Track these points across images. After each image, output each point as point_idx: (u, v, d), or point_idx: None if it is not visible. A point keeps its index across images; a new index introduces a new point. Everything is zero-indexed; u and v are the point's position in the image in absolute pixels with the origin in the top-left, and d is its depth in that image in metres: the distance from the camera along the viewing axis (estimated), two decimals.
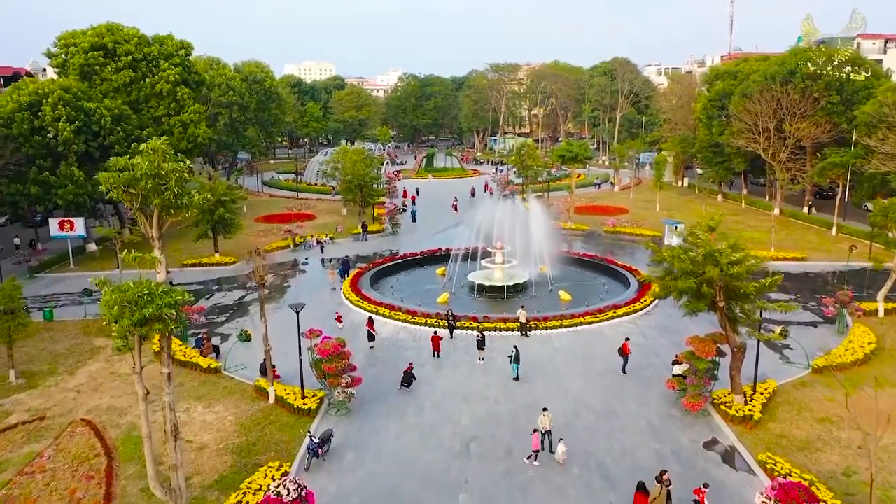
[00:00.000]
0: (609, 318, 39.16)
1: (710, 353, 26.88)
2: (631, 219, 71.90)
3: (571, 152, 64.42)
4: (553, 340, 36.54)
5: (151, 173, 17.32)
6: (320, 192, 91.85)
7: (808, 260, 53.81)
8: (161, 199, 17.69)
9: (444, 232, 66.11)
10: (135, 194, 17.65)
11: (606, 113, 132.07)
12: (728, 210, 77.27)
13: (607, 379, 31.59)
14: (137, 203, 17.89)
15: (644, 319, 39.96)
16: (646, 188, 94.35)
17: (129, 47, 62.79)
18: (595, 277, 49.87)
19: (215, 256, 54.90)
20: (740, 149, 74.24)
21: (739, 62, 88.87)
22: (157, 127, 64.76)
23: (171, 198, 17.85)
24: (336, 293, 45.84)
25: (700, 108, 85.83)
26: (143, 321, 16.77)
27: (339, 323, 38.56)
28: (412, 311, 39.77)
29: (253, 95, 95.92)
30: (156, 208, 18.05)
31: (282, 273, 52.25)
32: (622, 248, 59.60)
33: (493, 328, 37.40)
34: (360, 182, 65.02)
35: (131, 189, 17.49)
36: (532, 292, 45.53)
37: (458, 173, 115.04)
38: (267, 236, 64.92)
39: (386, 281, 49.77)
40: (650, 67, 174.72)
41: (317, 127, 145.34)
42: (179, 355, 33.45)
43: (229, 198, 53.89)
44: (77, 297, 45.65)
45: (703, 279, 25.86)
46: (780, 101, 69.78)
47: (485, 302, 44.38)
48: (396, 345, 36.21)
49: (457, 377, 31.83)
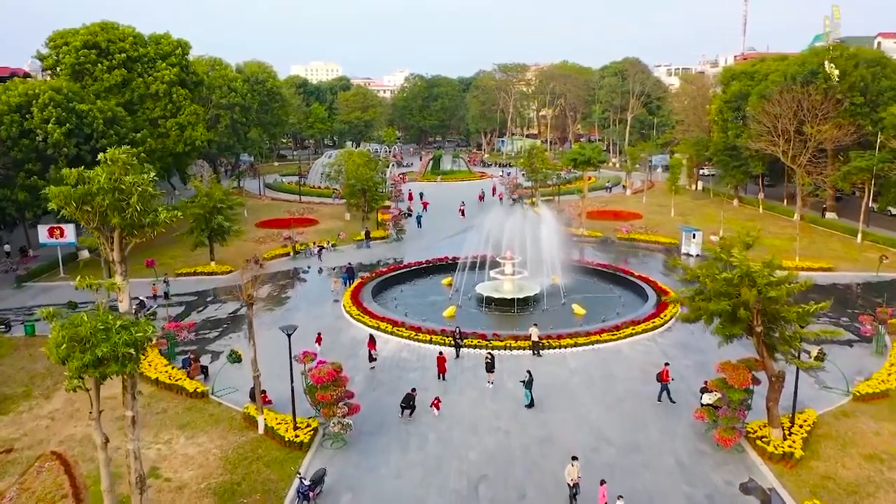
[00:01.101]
0: (627, 336, 36.48)
1: (745, 383, 24.19)
2: (645, 224, 69.19)
3: (584, 156, 61.67)
4: (568, 360, 33.90)
5: (110, 188, 14.84)
6: (323, 196, 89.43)
7: (835, 270, 50.97)
8: (122, 218, 15.18)
9: (451, 238, 63.56)
10: (91, 212, 15.17)
11: (617, 114, 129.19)
12: (745, 215, 74.52)
13: (628, 405, 28.94)
14: (94, 222, 15.39)
15: (664, 337, 37.26)
16: (658, 192, 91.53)
17: (122, 46, 60.59)
18: (610, 289, 47.17)
19: (211, 265, 52.47)
20: (759, 152, 71.41)
21: (756, 62, 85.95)
22: (154, 129, 62.47)
23: (134, 216, 15.33)
24: (337, 305, 43.32)
25: (715, 109, 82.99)
26: (97, 362, 14.23)
27: (318, 345, 35.33)
28: (416, 327, 37.20)
29: (255, 96, 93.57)
30: (116, 228, 15.57)
31: (280, 283, 49.78)
32: (637, 257, 56.92)
33: (502, 347, 34.80)
34: (363, 186, 62.46)
35: (86, 206, 15.01)
36: (544, 305, 42.88)
37: (465, 176, 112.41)
38: (266, 243, 62.43)
39: (389, 292, 47.22)
40: (660, 68, 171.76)
41: (322, 128, 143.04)
42: (164, 377, 31.00)
43: (226, 204, 51.42)
44: (65, 310, 43.30)
45: (738, 302, 23.16)
46: (800, 102, 67.00)
47: (493, 316, 41.77)
48: (399, 365, 33.63)
49: (464, 403, 29.23)
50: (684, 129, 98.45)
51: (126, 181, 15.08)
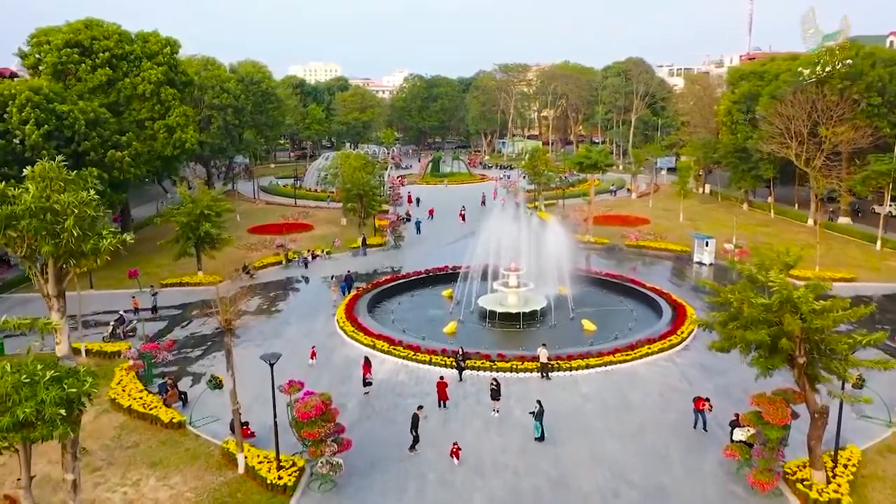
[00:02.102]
0: (643, 356, 33.76)
1: (783, 420, 21.48)
2: (653, 230, 66.49)
3: (591, 159, 58.83)
4: (579, 384, 31.16)
5: (39, 208, 12.12)
6: (319, 200, 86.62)
7: (857, 280, 48.26)
8: (55, 245, 12.45)
9: (452, 245, 60.82)
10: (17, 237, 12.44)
11: (620, 115, 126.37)
12: (756, 220, 71.79)
13: (649, 438, 26.18)
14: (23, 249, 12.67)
15: (683, 356, 34.53)
16: (665, 195, 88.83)
17: (107, 44, 57.76)
18: (620, 301, 44.42)
19: (198, 275, 49.70)
20: (771, 154, 68.78)
21: (766, 62, 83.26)
22: (140, 131, 59.65)
23: (71, 242, 12.59)
24: (331, 321, 40.58)
25: (724, 110, 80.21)
26: (18, 425, 11.50)
27: (312, 360, 33.22)
28: (415, 347, 34.45)
29: (249, 97, 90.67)
30: (48, 257, 12.86)
31: (270, 295, 47.01)
32: (647, 265, 54.16)
33: (508, 369, 32.09)
34: (360, 191, 59.64)
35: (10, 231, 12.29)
36: (551, 320, 40.13)
37: (465, 178, 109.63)
38: (258, 250, 59.64)
39: (386, 305, 44.51)
40: (661, 68, 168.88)
41: (319, 129, 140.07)
42: (138, 405, 28.23)
43: (214, 210, 48.61)
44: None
45: (779, 330, 20.42)
46: (814, 102, 64.40)
47: (498, 332, 39.02)
48: (395, 390, 30.88)
49: (467, 436, 26.43)
50: (690, 131, 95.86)
51: (60, 200, 12.40)
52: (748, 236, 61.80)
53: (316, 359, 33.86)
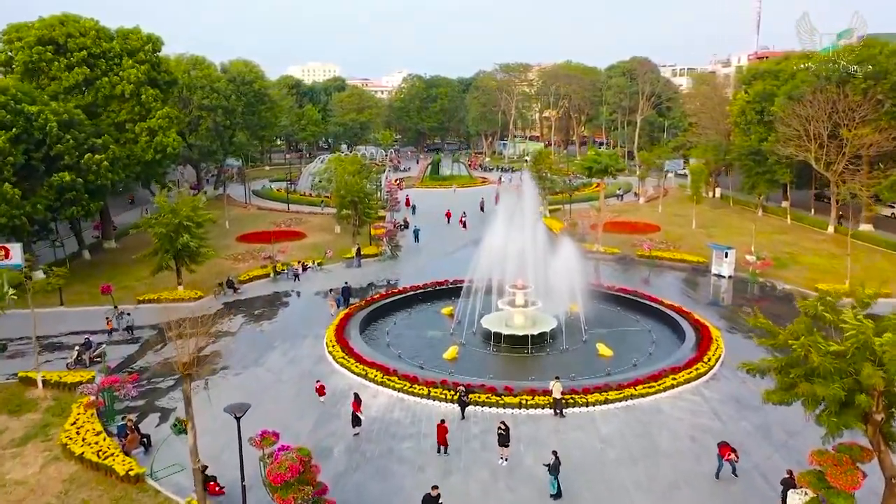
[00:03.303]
0: (667, 388, 30.07)
1: (854, 486, 17.83)
2: (664, 238, 62.82)
3: (600, 163, 55.02)
4: (598, 423, 27.46)
5: None
6: (313, 205, 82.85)
7: (893, 296, 44.47)
8: None
9: (452, 256, 57.17)
10: None
11: (625, 116, 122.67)
12: (772, 227, 68.06)
13: (685, 496, 22.46)
14: None
15: (711, 388, 30.83)
16: (674, 199, 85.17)
17: (84, 41, 53.99)
18: (637, 320, 40.68)
19: (178, 290, 46.00)
20: (789, 157, 65.21)
21: (780, 60, 79.53)
22: (120, 134, 55.95)
23: None
24: (319, 344, 36.88)
25: (737, 110, 76.55)
26: None
27: (321, 396, 29.34)
28: (412, 377, 30.72)
29: (240, 98, 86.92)
30: None
31: (254, 313, 43.27)
32: (661, 278, 50.43)
33: (516, 404, 28.41)
34: (354, 198, 55.89)
35: None
36: (562, 343, 36.38)
37: (465, 181, 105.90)
38: (246, 261, 55.88)
39: (381, 324, 40.81)
40: (664, 68, 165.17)
41: (315, 131, 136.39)
42: (91, 453, 24.47)
43: (195, 220, 44.90)
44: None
45: (854, 383, 16.73)
46: (835, 103, 60.84)
47: (503, 358, 35.30)
48: (389, 430, 27.15)
49: (472, 491, 22.77)
50: (699, 132, 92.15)
51: None
52: (766, 244, 58.12)
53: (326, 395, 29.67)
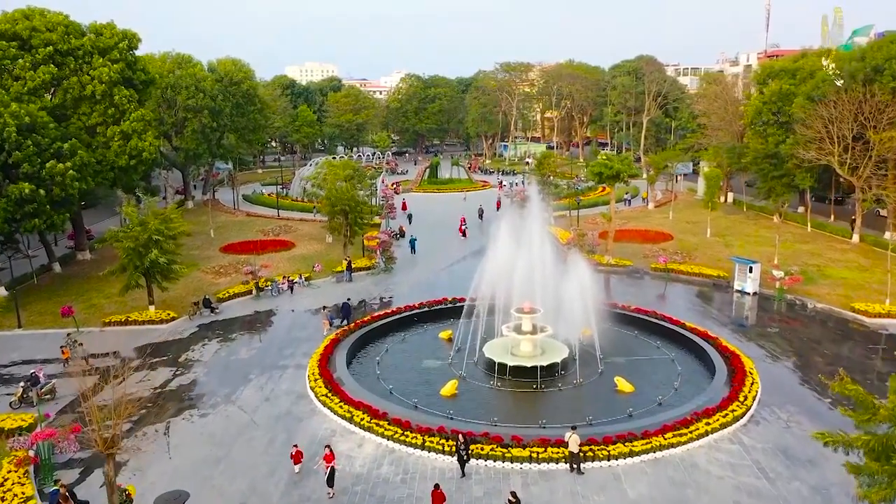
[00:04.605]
0: (700, 436, 25.81)
1: None
2: (678, 248, 58.60)
3: (612, 169, 50.74)
4: (623, 482, 23.20)
5: None
6: (305, 211, 78.57)
7: None
8: None
9: (451, 268, 53.00)
10: None
11: (631, 116, 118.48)
12: (792, 235, 63.70)
13: None
14: None
15: (752, 434, 26.57)
16: (684, 205, 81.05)
17: (50, 37, 49.74)
18: (657, 346, 36.40)
19: (149, 310, 41.73)
20: (811, 161, 61.01)
21: (797, 58, 75.36)
22: (91, 139, 51.68)
23: None
24: (300, 377, 32.62)
25: (753, 111, 72.31)
26: None
27: (296, 465, 24.49)
28: (404, 423, 26.46)
29: (228, 98, 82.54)
30: None
31: (231, 337, 38.96)
32: (679, 295, 46.12)
33: (526, 458, 24.16)
34: (345, 207, 51.57)
35: None
36: (575, 376, 32.07)
37: (465, 185, 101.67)
38: (228, 274, 51.55)
39: (371, 350, 36.55)
40: (667, 68, 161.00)
41: (309, 132, 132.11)
42: None
43: (166, 234, 40.58)
44: None
45: None
46: (860, 104, 56.74)
47: (509, 394, 30.95)
48: (377, 492, 22.84)
49: None
50: (709, 134, 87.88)
51: None
52: (788, 255, 53.96)
53: (302, 463, 24.08)
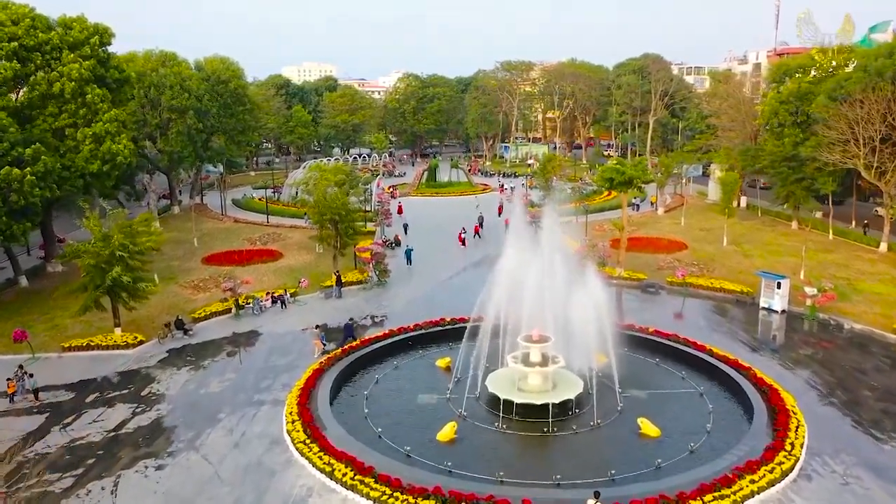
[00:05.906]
0: (745, 497, 21.72)
1: None
2: (693, 258, 54.59)
3: (624, 174, 46.66)
4: None
5: None
6: (297, 217, 74.33)
7: None
8: None
9: (450, 282, 48.99)
10: None
11: (636, 117, 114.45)
12: (814, 244, 59.35)
13: None
14: None
15: (805, 494, 22.46)
16: (694, 209, 76.98)
17: (14, 31, 45.73)
18: (682, 376, 32.27)
19: (114, 333, 37.63)
20: (834, 165, 57.12)
21: (816, 55, 71.20)
22: (60, 142, 47.64)
23: None
24: (277, 417, 28.54)
25: (769, 111, 68.31)
26: None
27: None
28: (393, 481, 22.35)
29: (215, 98, 78.47)
30: None
31: (203, 364, 34.82)
32: (701, 313, 42.02)
33: None
34: (334, 216, 47.50)
35: None
36: (592, 415, 27.96)
37: (465, 189, 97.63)
38: (208, 289, 47.42)
39: (360, 380, 32.48)
40: (673, 67, 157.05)
41: (304, 133, 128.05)
42: None
43: (131, 249, 36.45)
44: None
45: None
46: (889, 103, 52.84)
47: (515, 438, 26.78)
48: None
49: None
50: (720, 135, 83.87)
51: None
52: (814, 267, 49.90)
53: None
